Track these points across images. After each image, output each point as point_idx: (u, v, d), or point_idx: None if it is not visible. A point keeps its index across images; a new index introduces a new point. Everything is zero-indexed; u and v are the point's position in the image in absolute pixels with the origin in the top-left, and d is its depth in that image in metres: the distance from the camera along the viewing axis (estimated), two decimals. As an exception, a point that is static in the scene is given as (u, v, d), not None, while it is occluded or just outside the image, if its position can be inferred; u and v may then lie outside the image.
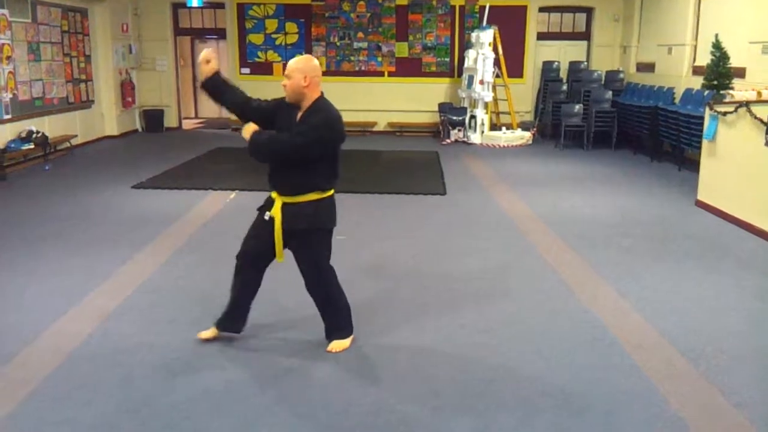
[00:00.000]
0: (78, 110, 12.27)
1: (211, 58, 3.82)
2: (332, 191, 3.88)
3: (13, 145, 9.85)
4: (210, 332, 4.10)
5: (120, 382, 3.63)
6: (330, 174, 3.83)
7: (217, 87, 3.87)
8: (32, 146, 10.14)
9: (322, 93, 3.79)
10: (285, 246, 3.88)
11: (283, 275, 4.34)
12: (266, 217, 3.84)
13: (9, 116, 10.00)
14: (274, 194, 3.86)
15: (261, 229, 3.89)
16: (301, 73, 3.68)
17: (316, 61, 3.82)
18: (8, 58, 10.00)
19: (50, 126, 11.00)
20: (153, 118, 14.60)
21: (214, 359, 3.90)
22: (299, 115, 3.75)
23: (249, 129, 3.76)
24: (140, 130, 14.56)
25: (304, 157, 3.69)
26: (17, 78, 10.28)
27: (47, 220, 7.06)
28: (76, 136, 11.74)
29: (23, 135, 10.13)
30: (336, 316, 4.07)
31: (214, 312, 4.15)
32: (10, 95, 10.07)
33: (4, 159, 9.25)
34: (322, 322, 4.11)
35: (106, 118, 13.34)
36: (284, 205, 3.79)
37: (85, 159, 11.11)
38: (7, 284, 5.14)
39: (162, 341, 4.12)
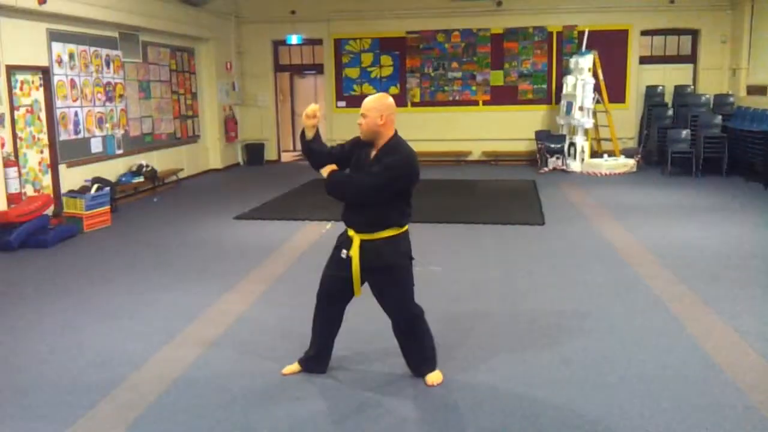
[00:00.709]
0: (185, 145, 12.83)
1: (317, 113, 3.83)
2: (407, 227, 3.84)
3: (124, 179, 10.39)
4: (293, 367, 4.11)
5: (220, 408, 3.68)
6: (404, 210, 3.80)
7: (313, 151, 3.87)
8: (142, 179, 10.67)
9: (396, 131, 3.77)
10: (364, 283, 3.85)
11: (367, 305, 4.21)
12: (343, 256, 3.82)
13: (121, 151, 10.58)
14: (350, 231, 3.83)
15: (338, 268, 3.86)
16: (378, 112, 3.67)
17: (391, 99, 3.79)
18: (121, 96, 10.61)
19: (159, 160, 11.54)
20: (254, 152, 15.10)
21: (294, 390, 3.89)
22: (373, 153, 3.74)
23: (328, 167, 3.81)
24: (242, 163, 15.08)
25: (378, 197, 3.68)
26: (129, 115, 10.87)
27: (154, 250, 7.36)
28: (182, 169, 12.27)
29: (134, 169, 10.68)
30: (422, 351, 3.98)
31: (307, 344, 4.14)
32: (123, 132, 10.65)
33: (116, 191, 9.74)
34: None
35: (211, 152, 13.89)
36: (362, 242, 3.76)
37: (191, 191, 11.58)
38: (116, 310, 5.35)
39: (258, 371, 4.16)
